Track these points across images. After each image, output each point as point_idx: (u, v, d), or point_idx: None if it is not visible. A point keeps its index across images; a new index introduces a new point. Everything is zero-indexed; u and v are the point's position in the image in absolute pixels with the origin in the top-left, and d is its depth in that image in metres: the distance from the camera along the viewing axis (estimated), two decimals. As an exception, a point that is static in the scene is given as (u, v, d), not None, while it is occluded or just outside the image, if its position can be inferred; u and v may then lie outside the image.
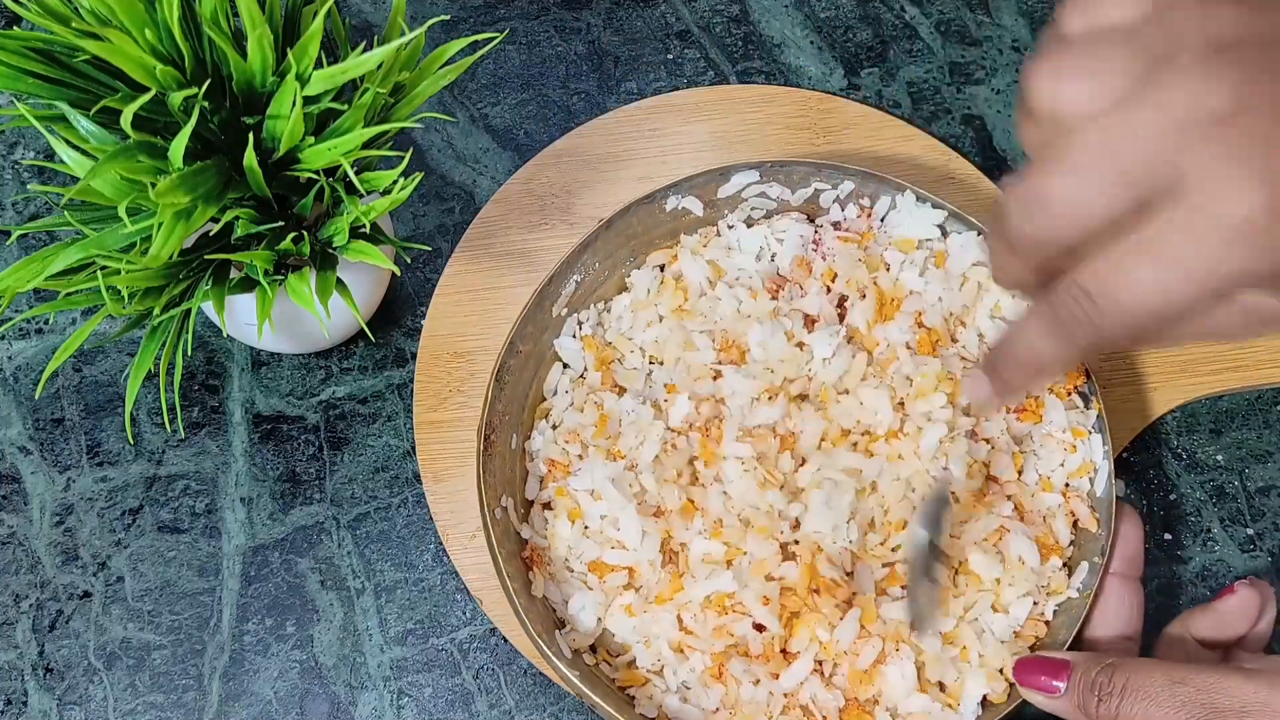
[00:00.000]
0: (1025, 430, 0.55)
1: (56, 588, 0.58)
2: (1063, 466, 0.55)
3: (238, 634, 0.57)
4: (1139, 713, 0.43)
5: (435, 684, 0.57)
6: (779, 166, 0.59)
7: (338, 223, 0.50)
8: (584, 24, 0.70)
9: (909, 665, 0.50)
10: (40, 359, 0.62)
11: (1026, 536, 0.52)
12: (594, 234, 0.57)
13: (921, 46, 0.70)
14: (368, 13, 0.70)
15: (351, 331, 0.61)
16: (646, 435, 0.54)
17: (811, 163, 0.59)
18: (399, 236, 0.64)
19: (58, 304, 0.47)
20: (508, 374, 0.55)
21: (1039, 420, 0.55)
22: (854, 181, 0.59)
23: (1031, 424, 0.55)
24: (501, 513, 0.54)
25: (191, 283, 0.49)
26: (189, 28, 0.45)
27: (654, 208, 0.59)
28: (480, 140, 0.67)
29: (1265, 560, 0.59)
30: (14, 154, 0.67)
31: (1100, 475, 0.54)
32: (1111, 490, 0.53)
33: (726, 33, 0.70)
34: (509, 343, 0.55)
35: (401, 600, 0.58)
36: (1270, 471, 0.60)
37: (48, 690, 0.56)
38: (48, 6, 0.44)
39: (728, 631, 0.50)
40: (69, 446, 0.61)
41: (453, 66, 0.51)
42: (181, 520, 0.59)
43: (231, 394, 0.61)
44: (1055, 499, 0.54)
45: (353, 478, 0.60)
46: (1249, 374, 0.61)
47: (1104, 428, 0.54)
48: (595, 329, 0.59)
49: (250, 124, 0.47)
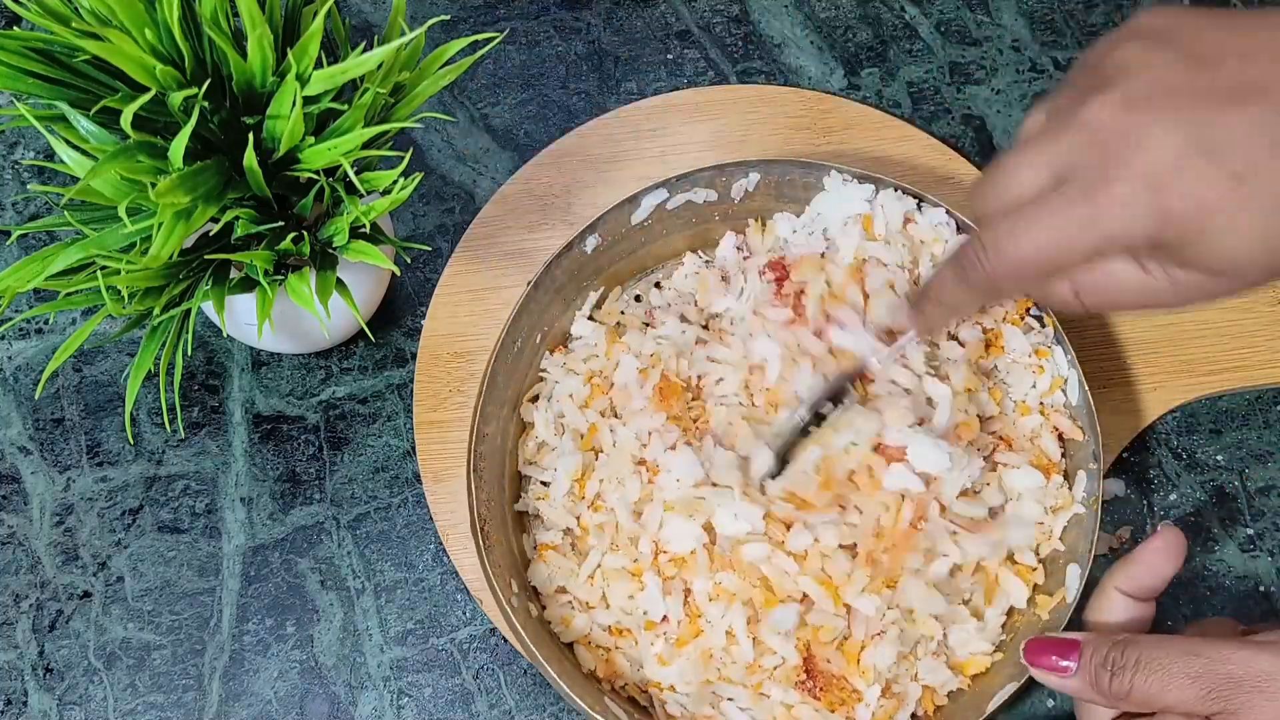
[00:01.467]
0: (991, 365, 0.57)
1: (56, 588, 0.58)
2: (1034, 388, 0.56)
3: (238, 634, 0.57)
4: (1153, 686, 0.43)
5: (435, 684, 0.57)
6: (683, 179, 0.59)
7: (338, 223, 0.50)
8: (584, 24, 0.70)
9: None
10: (40, 359, 0.62)
11: (1024, 465, 0.54)
12: (523, 298, 0.56)
13: (921, 46, 0.70)
14: (368, 13, 0.70)
15: (351, 331, 0.61)
16: (615, 543, 0.54)
17: (714, 166, 0.59)
18: (399, 236, 0.64)
19: (58, 304, 0.47)
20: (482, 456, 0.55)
21: (1002, 352, 0.57)
22: (759, 172, 0.59)
23: (996, 358, 0.57)
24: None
25: (191, 283, 0.49)
26: (189, 28, 0.45)
27: (575, 254, 0.58)
28: (480, 140, 0.67)
29: (1265, 560, 0.59)
30: (14, 154, 0.67)
31: (1071, 384, 0.55)
32: (1086, 396, 0.54)
33: (726, 33, 0.70)
34: (479, 416, 0.55)
35: (401, 600, 0.58)
36: (1270, 471, 0.60)
37: (48, 690, 0.56)
38: (48, 6, 0.44)
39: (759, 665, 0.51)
40: (69, 446, 0.60)
41: (453, 66, 0.51)
42: (181, 520, 0.59)
43: (231, 394, 0.61)
44: (1035, 420, 0.56)
45: (353, 478, 0.60)
46: (1249, 374, 0.61)
47: (1063, 339, 0.56)
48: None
49: (250, 124, 0.47)
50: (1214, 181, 0.38)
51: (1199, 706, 0.43)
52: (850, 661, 0.51)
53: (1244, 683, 0.42)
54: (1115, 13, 0.71)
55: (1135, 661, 0.44)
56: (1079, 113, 0.41)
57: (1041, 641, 0.48)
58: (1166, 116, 0.39)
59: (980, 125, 0.68)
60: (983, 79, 0.69)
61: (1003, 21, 0.70)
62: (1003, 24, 0.70)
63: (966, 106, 0.68)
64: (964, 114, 0.68)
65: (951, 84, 0.69)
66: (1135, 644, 0.45)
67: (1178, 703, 0.43)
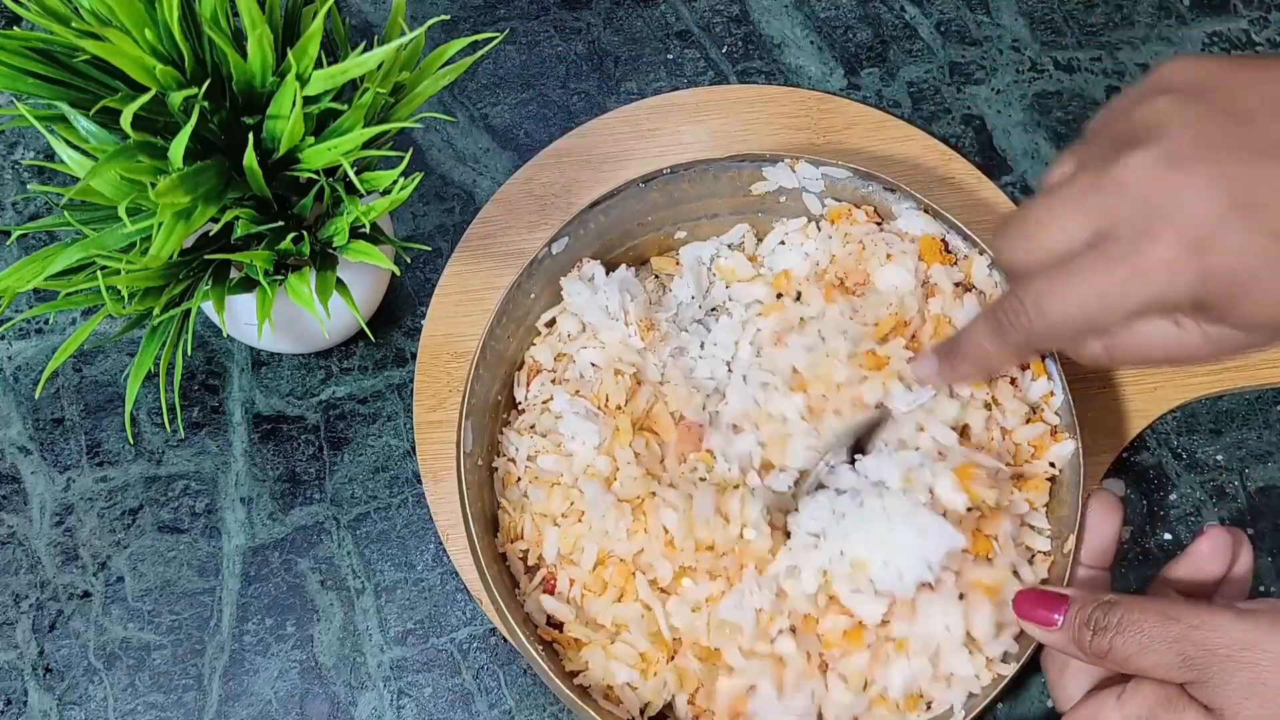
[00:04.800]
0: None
1: (56, 588, 0.58)
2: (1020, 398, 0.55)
3: (238, 634, 0.57)
4: (1131, 648, 0.44)
5: (435, 684, 0.57)
6: (617, 191, 0.58)
7: (338, 223, 0.50)
8: (584, 24, 0.70)
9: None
10: (40, 359, 0.62)
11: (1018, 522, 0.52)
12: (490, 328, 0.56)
13: (921, 46, 0.70)
14: (368, 13, 0.70)
15: (351, 331, 0.61)
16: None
17: (644, 176, 0.58)
18: (399, 236, 0.64)
19: (58, 304, 0.47)
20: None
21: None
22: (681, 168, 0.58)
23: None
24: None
25: (191, 283, 0.49)
26: (189, 28, 0.45)
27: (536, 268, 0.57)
28: (480, 140, 0.67)
29: (1265, 560, 0.59)
30: (14, 154, 0.67)
31: (1057, 392, 0.54)
32: (1068, 399, 0.53)
33: (726, 33, 0.70)
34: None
35: (401, 600, 0.58)
36: (1270, 471, 0.60)
37: (48, 690, 0.56)
38: (48, 6, 0.44)
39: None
40: (69, 446, 0.61)
41: (453, 66, 0.51)
42: (181, 520, 0.59)
43: (231, 394, 0.61)
44: (1036, 429, 0.54)
45: (353, 478, 0.60)
46: (1249, 374, 0.61)
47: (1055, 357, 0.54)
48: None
49: (250, 124, 0.47)
50: (1255, 240, 0.38)
51: (1174, 674, 0.43)
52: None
53: (1218, 652, 0.42)
54: (1115, 13, 0.71)
55: (1118, 622, 0.45)
56: (1114, 168, 0.41)
57: (1031, 593, 0.48)
58: (1205, 174, 0.39)
59: (980, 125, 0.68)
60: (983, 79, 0.69)
61: (1003, 21, 0.71)
62: (1003, 24, 0.70)
63: (966, 106, 0.68)
64: (964, 114, 0.68)
65: (951, 84, 0.69)
66: (1120, 605, 0.45)
67: (1153, 667, 0.44)
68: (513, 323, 0.56)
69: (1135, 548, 0.59)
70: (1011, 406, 0.54)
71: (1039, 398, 0.55)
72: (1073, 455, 0.53)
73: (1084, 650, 0.46)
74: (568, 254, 0.58)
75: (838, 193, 0.59)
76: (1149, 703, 0.45)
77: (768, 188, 0.59)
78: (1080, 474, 0.52)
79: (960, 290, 0.57)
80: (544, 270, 0.57)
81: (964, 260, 0.57)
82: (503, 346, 0.56)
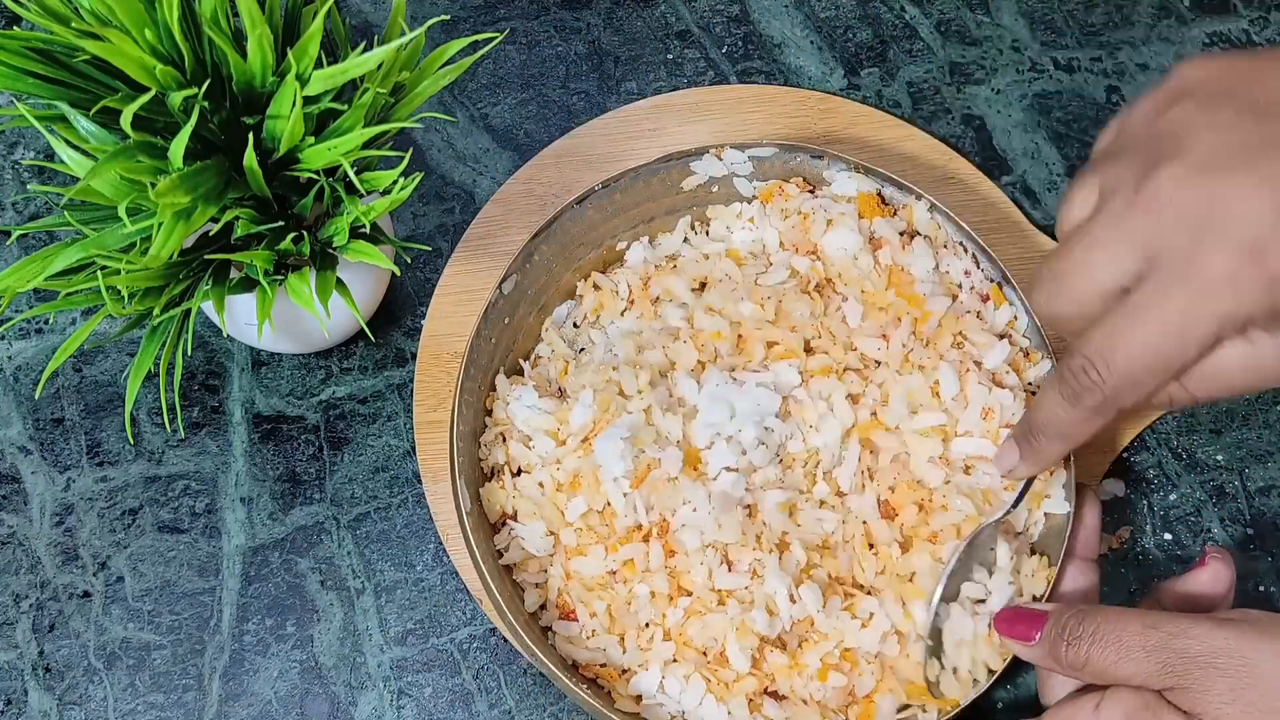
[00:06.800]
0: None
1: (56, 588, 0.58)
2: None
3: (238, 634, 0.57)
4: (1110, 657, 0.43)
5: (435, 684, 0.57)
6: (595, 190, 0.58)
7: (338, 223, 0.50)
8: (584, 24, 0.70)
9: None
10: (40, 359, 0.62)
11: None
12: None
13: (921, 46, 0.70)
14: (368, 13, 0.70)
15: (351, 331, 0.61)
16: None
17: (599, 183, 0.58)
18: (399, 236, 0.64)
19: (58, 304, 0.47)
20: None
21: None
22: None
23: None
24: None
25: (191, 283, 0.49)
26: (189, 28, 0.45)
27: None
28: (480, 140, 0.67)
29: (1266, 561, 0.59)
30: (14, 154, 0.67)
31: (1020, 315, 0.56)
32: (1033, 320, 0.54)
33: (726, 33, 0.70)
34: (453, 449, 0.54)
35: (401, 600, 0.58)
36: (1270, 471, 0.60)
37: (48, 690, 0.56)
38: (48, 6, 0.44)
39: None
40: (69, 446, 0.61)
41: (453, 66, 0.51)
42: (181, 520, 0.59)
43: (231, 394, 0.62)
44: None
45: (353, 478, 0.60)
46: (1249, 374, 0.61)
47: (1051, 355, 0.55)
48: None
49: (250, 124, 0.47)
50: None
51: (1153, 681, 0.42)
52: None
53: (1199, 658, 0.41)
54: (1115, 13, 0.71)
55: (1092, 632, 0.44)
56: (1147, 187, 0.38)
57: (1012, 612, 0.48)
58: (1245, 177, 0.37)
59: (980, 125, 0.68)
60: (983, 79, 0.69)
61: (1003, 21, 0.71)
62: (1003, 24, 0.70)
63: (966, 106, 0.68)
64: (964, 114, 0.68)
65: (951, 84, 0.69)
66: (1094, 614, 0.44)
67: (1132, 675, 0.43)
68: (479, 371, 0.56)
69: (1135, 548, 0.59)
70: (981, 340, 0.55)
71: (1004, 325, 0.56)
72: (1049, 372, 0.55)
73: (1061, 663, 0.45)
74: (519, 291, 0.57)
75: (766, 172, 0.60)
76: (1127, 708, 0.43)
77: (698, 181, 0.60)
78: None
79: (905, 239, 0.58)
80: (499, 313, 0.57)
81: (903, 209, 0.59)
82: (474, 398, 0.56)
